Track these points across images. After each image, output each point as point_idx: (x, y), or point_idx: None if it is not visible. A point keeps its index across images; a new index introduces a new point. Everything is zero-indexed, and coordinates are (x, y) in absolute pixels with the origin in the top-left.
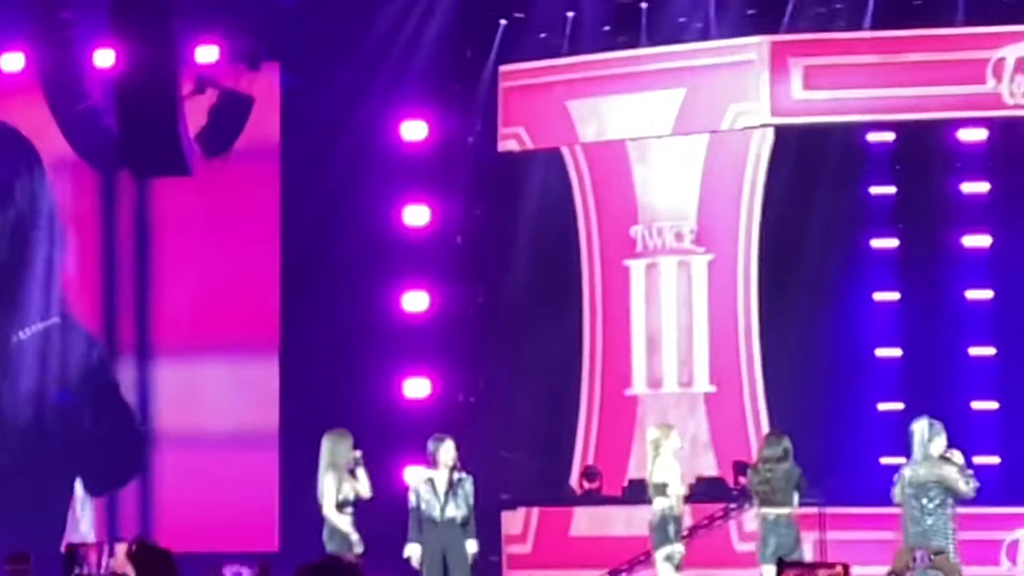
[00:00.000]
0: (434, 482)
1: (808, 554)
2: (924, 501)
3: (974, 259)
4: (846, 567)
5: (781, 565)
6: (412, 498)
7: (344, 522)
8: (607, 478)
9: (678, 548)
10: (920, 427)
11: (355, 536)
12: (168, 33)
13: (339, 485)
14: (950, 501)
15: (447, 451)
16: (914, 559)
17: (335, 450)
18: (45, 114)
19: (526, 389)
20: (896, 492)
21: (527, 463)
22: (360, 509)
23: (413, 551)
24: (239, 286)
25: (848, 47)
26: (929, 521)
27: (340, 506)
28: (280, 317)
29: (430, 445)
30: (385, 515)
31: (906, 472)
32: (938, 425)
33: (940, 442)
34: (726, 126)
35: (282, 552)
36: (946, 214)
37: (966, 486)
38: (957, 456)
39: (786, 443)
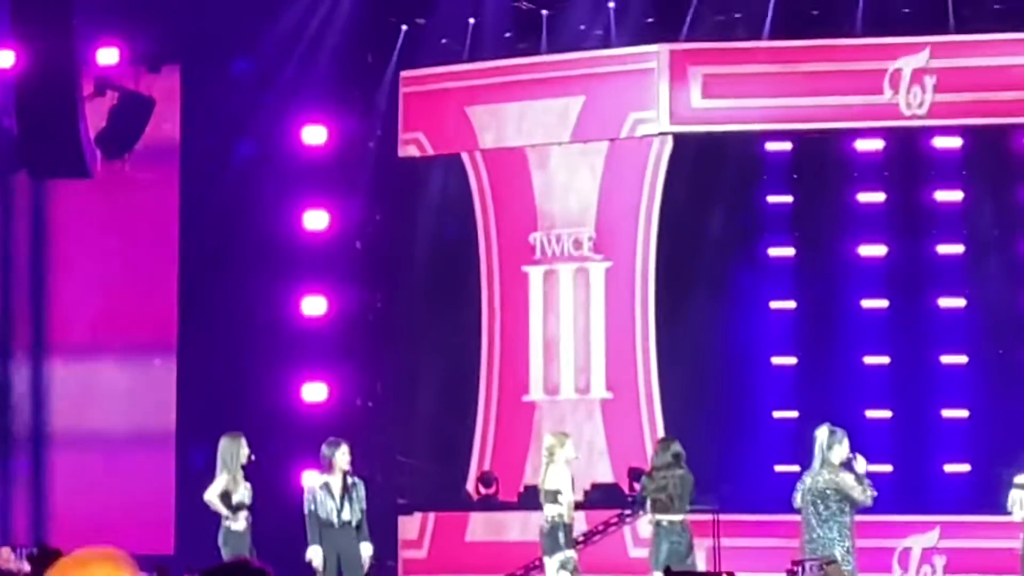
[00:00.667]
0: (330, 486)
1: (701, 561)
2: (821, 508)
3: (869, 268)
4: None
5: (668, 573)
6: (308, 502)
7: (237, 521)
8: (503, 484)
9: (570, 554)
10: (821, 434)
11: (247, 539)
12: (69, 34)
13: (233, 487)
14: (847, 509)
15: (342, 455)
16: (803, 569)
17: (229, 452)
18: None
19: (424, 394)
20: (796, 499)
21: (424, 468)
22: (255, 512)
23: (315, 554)
24: (137, 287)
25: (747, 56)
26: (824, 529)
27: (236, 509)
28: (178, 318)
29: (325, 450)
30: (282, 519)
31: (806, 479)
32: (840, 432)
33: (840, 450)
34: (625, 134)
35: (177, 554)
36: (842, 223)
37: (862, 495)
38: (861, 462)
39: (676, 448)
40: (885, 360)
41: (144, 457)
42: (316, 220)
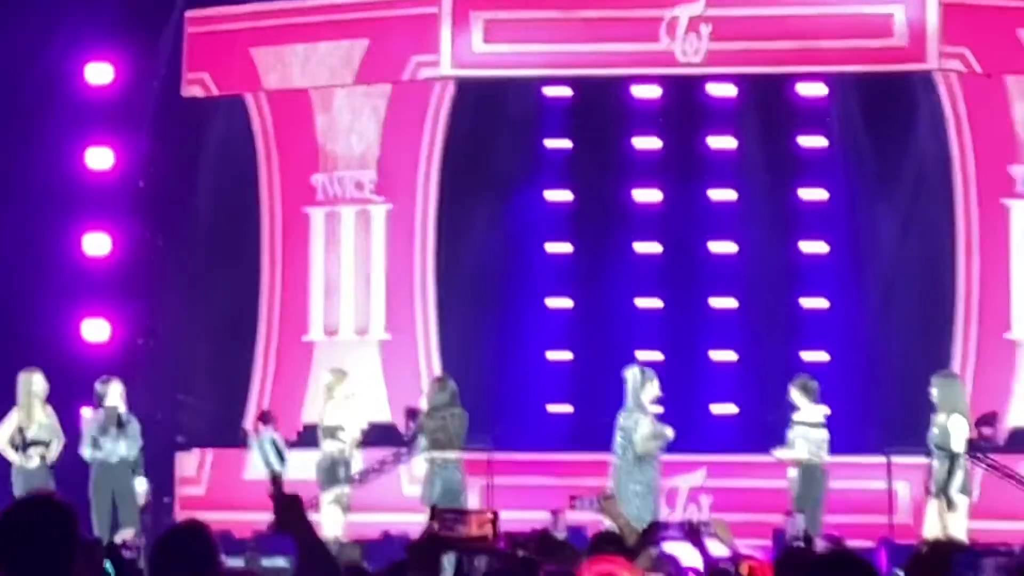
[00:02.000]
0: (103, 423)
1: (474, 499)
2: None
3: (644, 213)
4: (495, 513)
5: (435, 512)
6: (86, 439)
7: (29, 459)
8: (282, 422)
9: (345, 490)
10: (632, 375)
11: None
12: None
13: (27, 423)
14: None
15: (115, 393)
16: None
17: (24, 388)
18: None
19: (204, 333)
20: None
21: (203, 406)
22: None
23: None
24: None
25: (528, 1)
26: (619, 463)
27: (28, 445)
28: None
29: (98, 387)
30: (65, 456)
31: (619, 418)
32: (649, 372)
33: (651, 389)
34: (407, 77)
35: None
36: (619, 169)
37: (642, 446)
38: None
39: (452, 386)
40: (658, 303)
41: None
42: (99, 158)
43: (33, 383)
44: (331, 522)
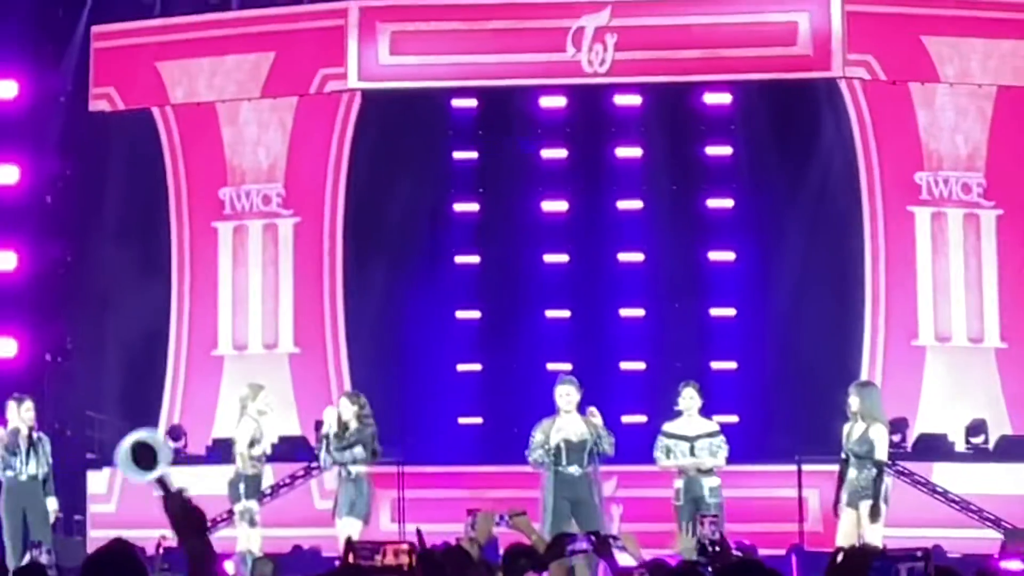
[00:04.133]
0: (14, 442)
1: (386, 512)
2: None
3: (551, 223)
4: (412, 545)
5: (348, 543)
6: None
7: None
8: (192, 437)
9: (250, 505)
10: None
11: None
12: None
13: None
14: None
15: (26, 411)
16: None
17: None
18: None
19: (114, 349)
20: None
21: (114, 423)
22: None
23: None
24: None
25: (434, 13)
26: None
27: None
28: None
29: (9, 405)
30: None
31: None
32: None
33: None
34: (314, 90)
35: None
36: (526, 179)
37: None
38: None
39: (362, 401)
40: (566, 314)
41: None
42: (6, 174)
43: None
44: (243, 537)
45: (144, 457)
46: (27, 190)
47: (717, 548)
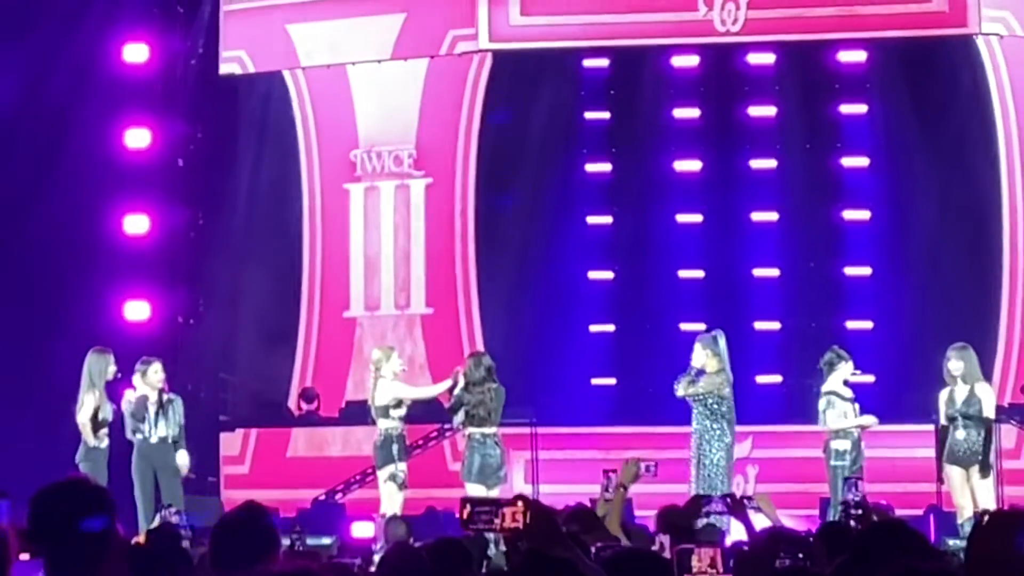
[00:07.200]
0: (144, 404)
1: (519, 473)
2: None
3: (685, 183)
4: (527, 503)
5: (464, 502)
6: (128, 420)
7: (100, 440)
8: (325, 400)
9: (401, 467)
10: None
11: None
12: None
13: (102, 403)
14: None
15: (155, 373)
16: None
17: (97, 368)
18: None
19: (246, 312)
20: None
21: (246, 385)
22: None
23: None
24: None
25: None
26: None
27: (100, 426)
28: None
29: (139, 368)
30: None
31: None
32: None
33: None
34: (444, 51)
35: None
36: (658, 139)
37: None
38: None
39: (487, 362)
40: (700, 274)
41: None
42: (138, 138)
43: (110, 364)
44: (389, 499)
45: None
46: (158, 154)
47: (860, 511)
